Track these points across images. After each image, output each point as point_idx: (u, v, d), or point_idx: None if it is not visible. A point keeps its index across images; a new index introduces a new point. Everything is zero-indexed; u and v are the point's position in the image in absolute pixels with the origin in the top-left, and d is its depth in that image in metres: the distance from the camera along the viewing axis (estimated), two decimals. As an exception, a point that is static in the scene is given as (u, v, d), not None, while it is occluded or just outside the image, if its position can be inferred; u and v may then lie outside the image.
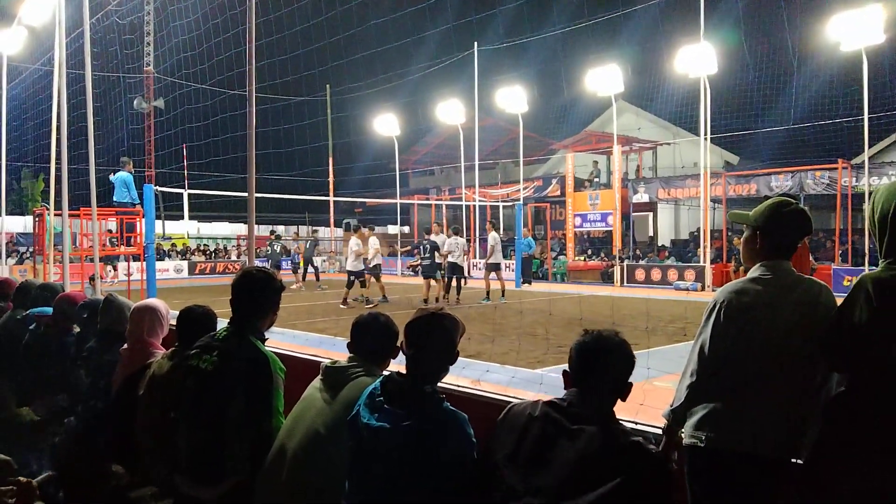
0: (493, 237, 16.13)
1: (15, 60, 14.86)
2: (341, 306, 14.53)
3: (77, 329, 4.13)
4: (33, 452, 3.80)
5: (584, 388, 2.05)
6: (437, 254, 15.20)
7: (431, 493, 1.98)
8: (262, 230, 27.77)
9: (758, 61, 23.58)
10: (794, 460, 2.25)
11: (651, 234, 26.87)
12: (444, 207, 31.02)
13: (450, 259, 15.38)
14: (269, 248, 20.52)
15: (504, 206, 27.09)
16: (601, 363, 2.05)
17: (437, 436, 1.99)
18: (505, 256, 27.04)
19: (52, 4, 10.08)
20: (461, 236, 16.33)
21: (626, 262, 21.90)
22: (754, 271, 2.37)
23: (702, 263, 19.76)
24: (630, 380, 2.10)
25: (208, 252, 32.36)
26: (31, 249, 23.08)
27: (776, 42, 22.71)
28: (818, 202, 21.06)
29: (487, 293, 15.48)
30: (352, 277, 14.98)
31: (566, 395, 2.06)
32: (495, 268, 15.90)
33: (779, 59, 23.04)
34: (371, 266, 15.20)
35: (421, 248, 15.76)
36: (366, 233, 15.64)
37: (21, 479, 1.14)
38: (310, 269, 21.27)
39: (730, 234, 21.30)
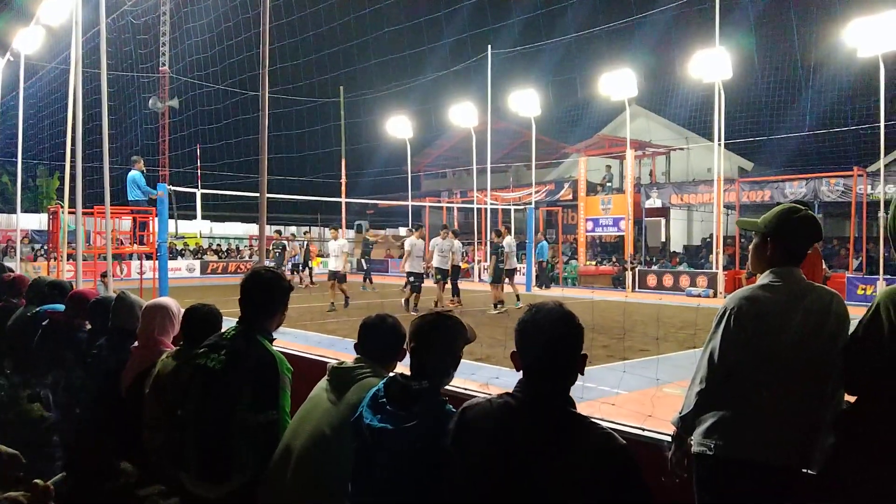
0: (508, 242, 15.56)
1: (32, 59, 15.00)
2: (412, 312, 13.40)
3: (88, 326, 4.16)
4: (43, 448, 3.82)
5: (534, 369, 1.87)
6: (504, 258, 14.75)
7: (433, 494, 1.97)
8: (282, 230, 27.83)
9: (772, 67, 23.45)
10: (804, 470, 2.23)
11: (663, 239, 26.75)
12: (455, 210, 31.02)
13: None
14: (273, 250, 20.63)
15: (516, 210, 27.07)
16: (545, 339, 1.84)
17: (439, 437, 1.98)
18: (517, 260, 27.15)
19: (69, 4, 10.17)
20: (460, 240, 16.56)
21: (637, 268, 21.81)
22: (764, 278, 2.35)
23: (714, 270, 19.65)
24: (583, 351, 1.89)
25: (221, 252, 32.54)
26: (45, 246, 23.28)
27: (791, 48, 22.58)
28: (833, 210, 20.89)
29: (501, 301, 14.64)
30: (411, 279, 14.24)
31: (518, 383, 1.90)
32: (510, 274, 15.39)
33: (794, 64, 22.91)
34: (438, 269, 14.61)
35: (492, 251, 15.13)
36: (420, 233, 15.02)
37: (38, 481, 1.14)
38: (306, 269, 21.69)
39: (742, 240, 21.16)
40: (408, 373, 2.22)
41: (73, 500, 2.98)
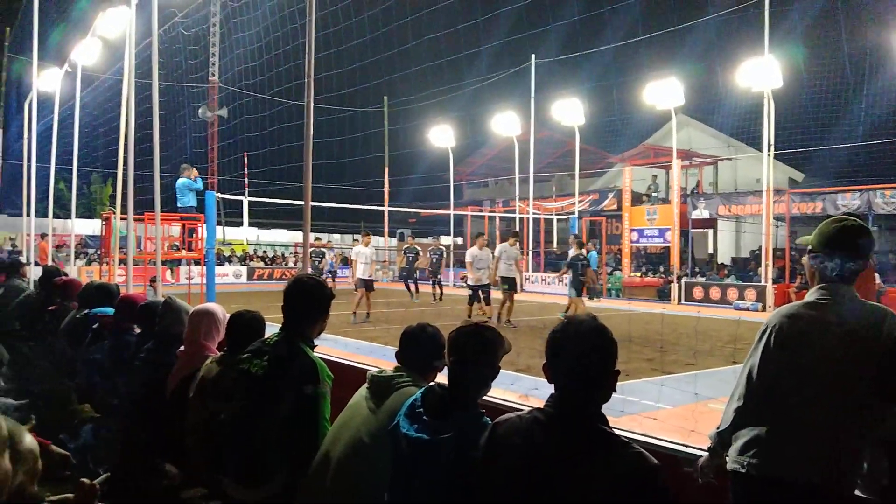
0: (574, 253, 14.64)
1: (88, 70, 15.50)
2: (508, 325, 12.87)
3: (138, 330, 4.26)
4: (90, 449, 3.92)
5: (565, 384, 1.82)
6: (584, 270, 13.98)
7: None
8: (322, 238, 28.16)
9: (823, 75, 22.86)
10: (838, 489, 2.15)
11: (710, 251, 26.24)
12: (497, 219, 30.96)
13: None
14: (313, 258, 20.77)
15: (558, 219, 26.87)
16: (575, 352, 1.79)
17: (472, 448, 1.96)
18: (558, 270, 26.92)
19: (124, 17, 10.50)
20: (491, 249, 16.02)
21: (683, 280, 21.43)
22: (811, 295, 2.27)
23: (763, 283, 19.18)
24: (616, 367, 1.84)
25: (266, 258, 33.07)
26: (98, 252, 23.99)
27: (843, 56, 21.99)
28: (888, 222, 20.21)
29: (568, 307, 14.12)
30: (478, 291, 13.37)
31: (549, 398, 1.85)
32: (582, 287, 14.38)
33: (846, 73, 22.30)
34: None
35: (573, 264, 14.17)
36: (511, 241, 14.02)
37: (84, 480, 1.18)
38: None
39: (793, 253, 20.63)
40: (446, 383, 2.22)
41: (117, 500, 3.05)
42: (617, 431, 1.82)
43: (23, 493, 1.13)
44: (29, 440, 1.24)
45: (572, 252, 14.43)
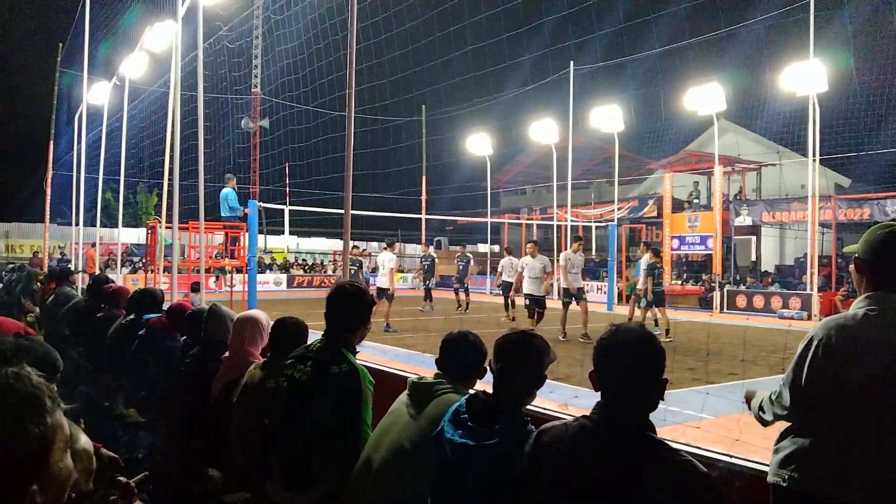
0: (645, 260, 13.74)
1: (135, 83, 15.94)
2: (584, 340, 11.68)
3: (184, 337, 4.36)
4: (135, 451, 4.02)
5: (612, 391, 1.82)
6: (661, 279, 13.18)
7: None
8: (360, 246, 28.42)
9: (871, 78, 22.25)
10: None
11: (754, 258, 25.71)
12: (534, 227, 30.84)
13: (503, 278, 15.75)
14: (350, 266, 20.81)
15: (597, 227, 26.63)
16: (624, 360, 1.79)
17: (517, 455, 1.96)
18: (597, 278, 26.69)
19: (170, 31, 10.78)
20: (516, 257, 15.73)
21: (726, 288, 21.03)
22: (858, 305, 2.19)
23: (808, 291, 18.71)
24: (665, 376, 1.83)
25: (306, 266, 33.48)
26: (143, 260, 24.56)
27: (891, 58, 21.37)
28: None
29: (667, 330, 12.70)
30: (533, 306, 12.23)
31: (596, 406, 1.86)
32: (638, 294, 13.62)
33: (894, 74, 21.66)
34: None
35: (653, 272, 13.26)
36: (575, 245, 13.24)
37: (122, 478, 1.22)
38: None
39: (839, 261, 20.10)
40: (488, 390, 2.22)
41: (160, 501, 3.12)
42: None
43: (78, 492, 1.17)
44: (84, 440, 1.29)
45: (647, 259, 13.46)
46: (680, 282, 24.48)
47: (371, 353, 6.17)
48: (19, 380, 1.08)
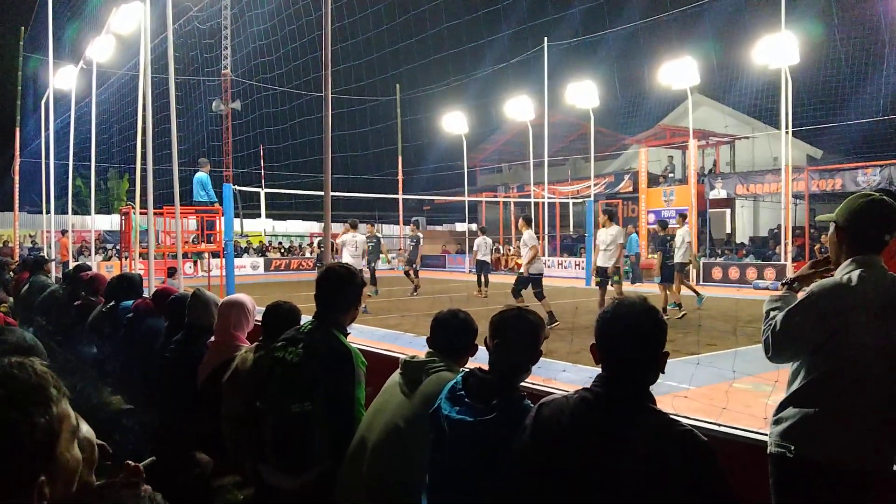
0: (683, 233, 13.30)
1: (103, 67, 15.59)
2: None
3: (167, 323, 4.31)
4: (125, 439, 3.98)
5: (614, 364, 1.84)
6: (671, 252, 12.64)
7: (510, 487, 1.95)
8: (336, 228, 28.30)
9: (842, 49, 22.48)
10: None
11: (728, 231, 26.04)
12: (511, 205, 30.90)
13: (478, 257, 16.80)
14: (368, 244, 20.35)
15: (574, 203, 26.74)
16: (626, 333, 1.80)
17: (516, 432, 1.97)
18: (574, 254, 26.87)
19: (138, 13, 10.54)
20: (490, 237, 16.42)
21: (702, 261, 21.29)
22: (847, 269, 2.26)
23: (783, 262, 19.03)
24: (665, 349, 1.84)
25: (283, 249, 33.28)
26: (117, 247, 24.22)
27: (863, 28, 21.59)
28: (910, 197, 19.87)
29: (678, 304, 12.50)
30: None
31: (596, 378, 1.86)
32: (680, 268, 13.03)
33: (866, 45, 21.90)
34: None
35: (663, 247, 12.91)
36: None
37: (130, 463, 1.21)
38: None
39: (812, 231, 20.43)
40: (483, 367, 2.22)
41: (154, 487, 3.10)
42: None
43: (82, 482, 1.15)
44: (86, 429, 1.27)
45: (686, 232, 13.17)
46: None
47: (356, 335, 6.17)
48: (23, 370, 1.06)
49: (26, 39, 23.17)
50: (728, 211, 25.85)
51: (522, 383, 3.06)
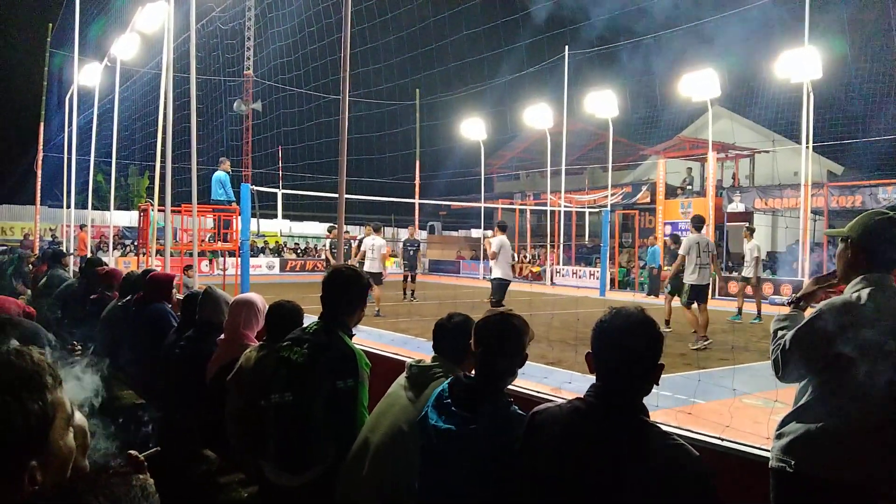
0: (752, 247, 13.80)
1: (126, 65, 15.79)
2: None
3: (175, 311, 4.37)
4: (136, 433, 4.03)
5: (607, 374, 1.83)
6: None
7: (499, 496, 1.95)
8: (352, 230, 28.39)
9: (865, 65, 22.26)
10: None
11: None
12: (528, 212, 30.86)
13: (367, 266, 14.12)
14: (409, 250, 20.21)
15: (590, 213, 26.65)
16: (621, 343, 1.80)
17: (502, 438, 1.96)
18: (590, 264, 26.75)
19: (162, 12, 10.68)
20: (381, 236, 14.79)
21: (719, 274, 21.09)
22: (856, 286, 2.23)
23: (800, 278, 18.84)
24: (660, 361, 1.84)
25: (299, 250, 33.44)
26: (135, 243, 24.46)
27: (887, 45, 21.36)
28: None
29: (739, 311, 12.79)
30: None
31: (590, 387, 1.85)
32: (746, 280, 13.59)
33: (889, 62, 21.66)
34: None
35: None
36: None
37: (132, 452, 1.24)
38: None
39: (830, 247, 20.21)
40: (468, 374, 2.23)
41: (155, 482, 3.13)
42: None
43: (75, 468, 1.19)
44: (79, 416, 1.31)
45: (755, 246, 13.05)
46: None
47: (365, 337, 6.19)
48: (20, 357, 1.09)
49: (53, 35, 23.49)
50: (746, 225, 25.63)
51: (525, 390, 3.09)
